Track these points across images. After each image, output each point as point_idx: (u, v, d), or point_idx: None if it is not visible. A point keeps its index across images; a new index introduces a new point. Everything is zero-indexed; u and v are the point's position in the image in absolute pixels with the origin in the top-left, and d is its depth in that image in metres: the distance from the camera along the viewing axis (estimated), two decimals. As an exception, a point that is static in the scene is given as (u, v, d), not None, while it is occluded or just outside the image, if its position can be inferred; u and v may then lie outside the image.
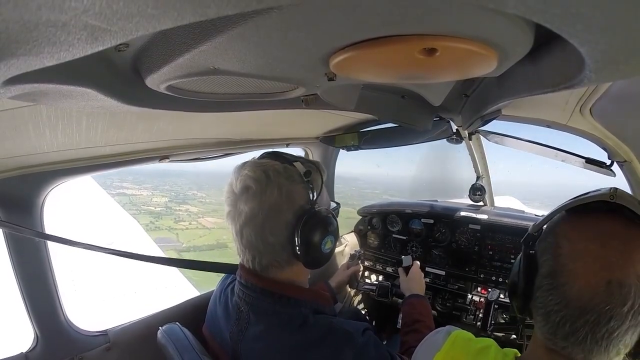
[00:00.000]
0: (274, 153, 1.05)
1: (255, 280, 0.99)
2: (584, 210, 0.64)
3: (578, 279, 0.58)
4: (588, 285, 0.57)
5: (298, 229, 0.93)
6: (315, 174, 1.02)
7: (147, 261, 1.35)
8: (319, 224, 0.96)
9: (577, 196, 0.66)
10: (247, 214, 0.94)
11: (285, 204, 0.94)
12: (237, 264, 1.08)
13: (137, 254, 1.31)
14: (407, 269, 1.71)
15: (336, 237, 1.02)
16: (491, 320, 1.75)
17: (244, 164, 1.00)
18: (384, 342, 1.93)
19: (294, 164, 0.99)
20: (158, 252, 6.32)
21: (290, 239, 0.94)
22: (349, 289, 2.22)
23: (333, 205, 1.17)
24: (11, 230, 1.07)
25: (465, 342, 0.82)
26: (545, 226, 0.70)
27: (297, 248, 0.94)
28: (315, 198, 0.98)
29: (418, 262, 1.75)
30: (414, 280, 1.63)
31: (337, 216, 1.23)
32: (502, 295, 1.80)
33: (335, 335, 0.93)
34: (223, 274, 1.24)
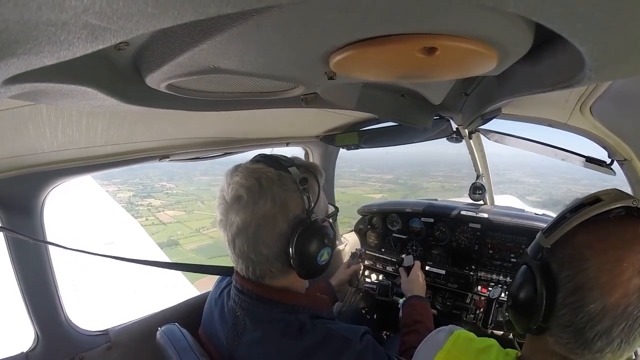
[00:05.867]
0: (268, 157, 0.99)
1: (250, 287, 0.97)
2: (602, 218, 0.62)
3: (612, 291, 0.57)
4: (624, 295, 0.56)
5: (293, 240, 0.89)
6: (312, 180, 0.97)
7: (144, 264, 1.36)
8: (314, 235, 0.91)
9: (585, 202, 0.64)
10: (239, 224, 0.90)
11: (279, 214, 0.89)
12: (233, 266, 1.05)
13: (134, 259, 1.31)
14: (408, 269, 1.71)
15: (333, 247, 0.98)
16: (492, 318, 1.75)
17: (237, 168, 0.95)
18: (385, 341, 1.94)
19: (290, 169, 0.93)
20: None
21: (285, 250, 0.91)
22: (350, 288, 2.22)
23: (332, 209, 1.12)
24: (9, 235, 1.07)
25: (467, 342, 0.82)
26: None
27: (292, 260, 0.90)
28: (312, 207, 0.93)
29: (419, 262, 1.75)
30: (415, 281, 1.63)
31: (335, 221, 1.20)
32: (503, 294, 1.80)
33: (333, 341, 0.92)
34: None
